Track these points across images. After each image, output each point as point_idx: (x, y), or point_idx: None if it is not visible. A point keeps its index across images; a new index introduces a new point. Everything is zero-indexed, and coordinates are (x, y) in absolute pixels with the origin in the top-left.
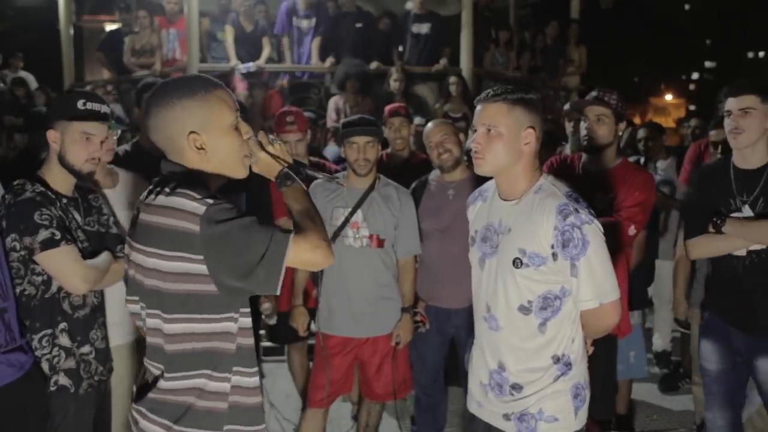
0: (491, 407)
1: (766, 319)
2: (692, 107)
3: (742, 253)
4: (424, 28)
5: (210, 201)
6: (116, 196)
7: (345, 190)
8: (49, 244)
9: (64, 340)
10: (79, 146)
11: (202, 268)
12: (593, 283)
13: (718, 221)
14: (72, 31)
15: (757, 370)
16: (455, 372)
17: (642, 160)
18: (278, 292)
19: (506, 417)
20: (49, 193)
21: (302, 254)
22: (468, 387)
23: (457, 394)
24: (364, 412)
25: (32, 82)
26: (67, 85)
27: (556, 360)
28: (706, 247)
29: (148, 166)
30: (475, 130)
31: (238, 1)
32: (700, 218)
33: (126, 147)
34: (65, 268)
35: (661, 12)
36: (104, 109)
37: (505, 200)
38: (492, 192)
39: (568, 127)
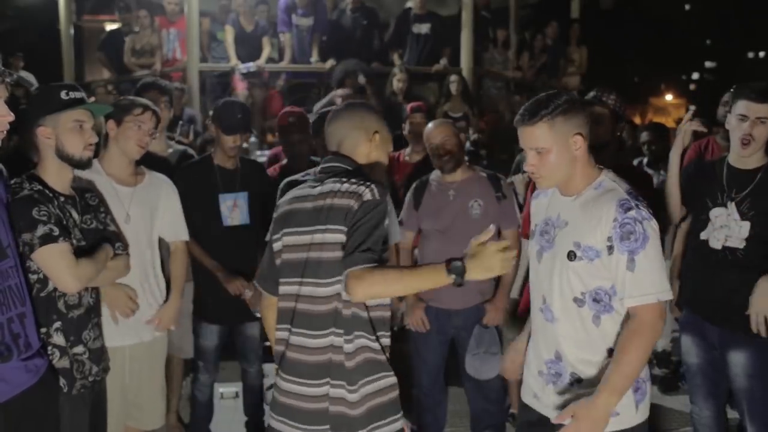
0: (548, 399)
1: (736, 314)
2: (692, 107)
3: (718, 246)
4: (424, 28)
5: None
6: (136, 193)
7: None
8: (48, 239)
9: (59, 338)
10: (75, 135)
11: None
12: (651, 279)
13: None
14: (72, 31)
15: (729, 363)
16: (455, 372)
17: (645, 160)
18: None
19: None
20: (47, 191)
21: None
22: (524, 378)
23: (457, 394)
24: None
25: (32, 82)
26: None
27: (612, 354)
28: None
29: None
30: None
31: (239, 1)
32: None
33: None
34: (58, 265)
35: (661, 12)
36: (83, 95)
37: (564, 196)
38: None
39: None
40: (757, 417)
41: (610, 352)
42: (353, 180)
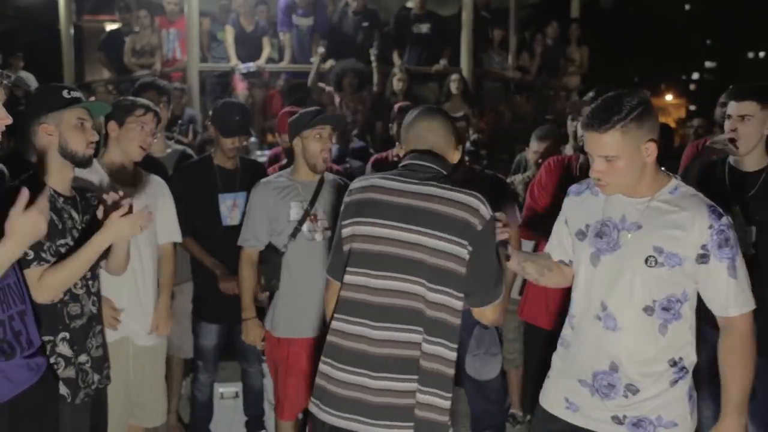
0: (593, 411)
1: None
2: (692, 107)
3: None
4: (424, 29)
5: None
6: (136, 195)
7: (298, 184)
8: (23, 264)
9: (64, 348)
10: (78, 132)
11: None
12: (749, 286)
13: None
14: (72, 31)
15: None
16: (455, 373)
17: None
18: None
19: (617, 420)
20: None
21: None
22: (547, 386)
23: (457, 394)
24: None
25: (32, 82)
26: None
27: (673, 363)
28: None
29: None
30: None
31: (239, 1)
32: None
33: None
34: (31, 286)
35: (661, 12)
36: (81, 96)
37: (630, 197)
38: None
39: (571, 126)
40: (758, 417)
41: (672, 362)
42: (456, 188)
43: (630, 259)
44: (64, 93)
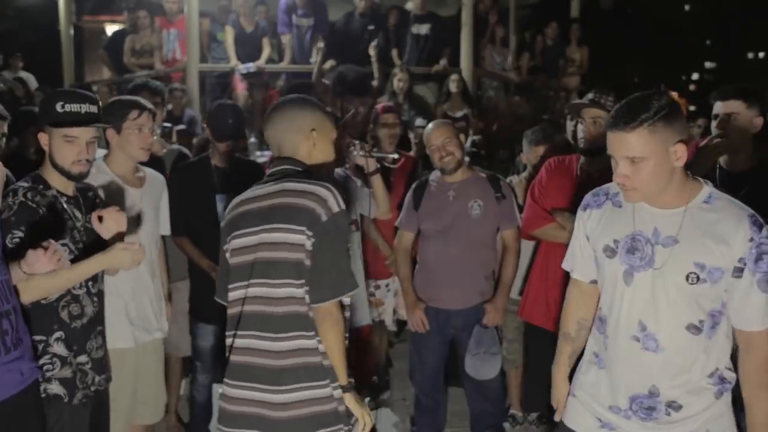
0: (632, 430)
1: None
2: (692, 108)
3: None
4: (423, 29)
5: None
6: (144, 195)
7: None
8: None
9: (59, 348)
10: (64, 149)
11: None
12: None
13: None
14: (72, 31)
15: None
16: (455, 373)
17: None
18: None
19: None
20: (49, 192)
21: None
22: (572, 403)
23: (457, 394)
24: None
25: (32, 82)
26: (67, 85)
27: (712, 375)
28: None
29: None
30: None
31: (239, 1)
32: None
33: None
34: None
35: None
36: (86, 109)
37: (660, 208)
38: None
39: (570, 126)
40: None
41: (713, 375)
42: (306, 180)
43: (670, 276)
44: (58, 106)
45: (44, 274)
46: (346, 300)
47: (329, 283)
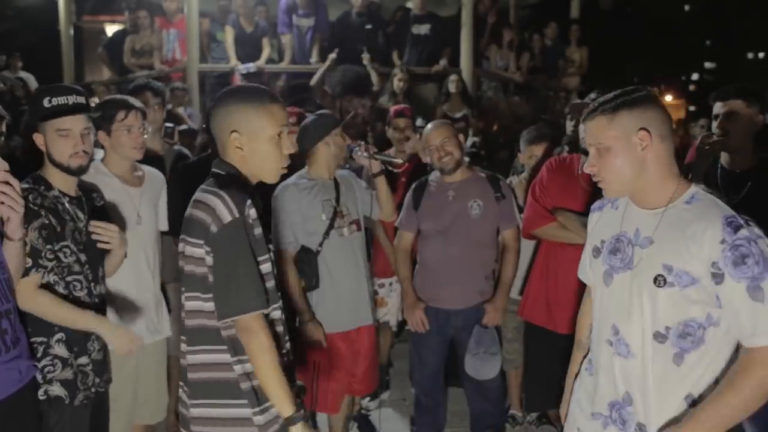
0: None
1: None
2: (692, 108)
3: None
4: (423, 29)
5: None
6: (143, 193)
7: (318, 184)
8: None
9: (60, 350)
10: (59, 143)
11: None
12: None
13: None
14: (72, 31)
15: None
16: (455, 373)
17: None
18: None
19: None
20: (51, 192)
21: None
22: (571, 411)
23: (457, 394)
24: (346, 408)
25: (32, 82)
26: None
27: (691, 402)
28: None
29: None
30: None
31: (239, 1)
32: None
33: None
34: (19, 293)
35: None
36: (73, 100)
37: (644, 208)
38: (625, 198)
39: (569, 126)
40: (758, 417)
41: (691, 400)
42: (212, 188)
43: (640, 279)
44: (45, 102)
45: (57, 299)
46: (275, 314)
47: (227, 299)
